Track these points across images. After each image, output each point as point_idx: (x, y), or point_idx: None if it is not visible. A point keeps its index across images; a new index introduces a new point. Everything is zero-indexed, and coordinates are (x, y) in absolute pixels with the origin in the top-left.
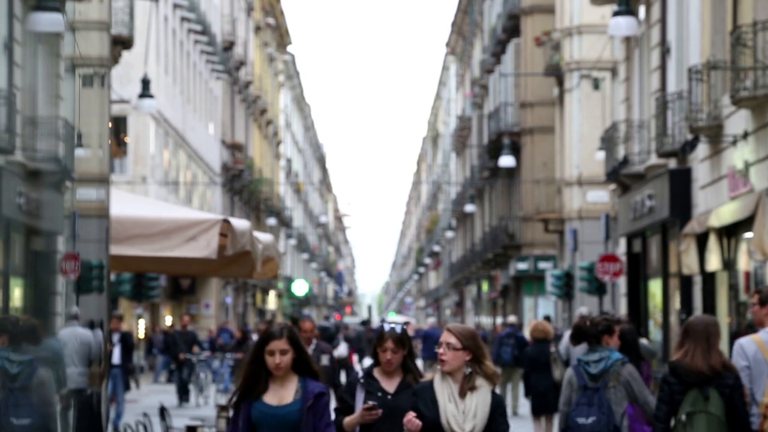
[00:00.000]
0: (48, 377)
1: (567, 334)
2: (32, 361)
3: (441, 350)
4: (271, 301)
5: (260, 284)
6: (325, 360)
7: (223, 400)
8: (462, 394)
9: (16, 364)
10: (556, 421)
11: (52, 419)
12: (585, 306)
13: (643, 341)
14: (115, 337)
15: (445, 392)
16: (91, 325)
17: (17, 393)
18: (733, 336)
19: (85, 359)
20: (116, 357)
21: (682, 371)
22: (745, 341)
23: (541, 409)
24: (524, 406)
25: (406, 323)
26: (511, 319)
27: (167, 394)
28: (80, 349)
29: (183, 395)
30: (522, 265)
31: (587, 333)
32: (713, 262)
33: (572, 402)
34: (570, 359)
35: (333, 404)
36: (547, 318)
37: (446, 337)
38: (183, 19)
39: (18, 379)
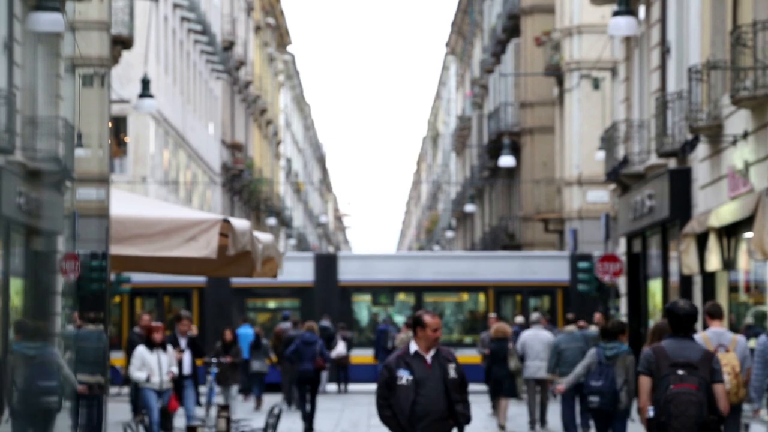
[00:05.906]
0: (58, 357)
1: (524, 333)
2: (45, 345)
3: None
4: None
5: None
6: (452, 372)
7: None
8: None
9: (32, 349)
10: (512, 402)
11: (60, 385)
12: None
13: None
14: (183, 342)
15: None
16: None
17: (37, 367)
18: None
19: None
20: (186, 366)
21: None
22: (696, 337)
23: (498, 393)
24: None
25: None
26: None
27: None
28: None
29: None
30: None
31: (610, 332)
32: (713, 262)
33: (591, 370)
34: (525, 354)
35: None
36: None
37: None
38: (183, 18)
39: (36, 358)
